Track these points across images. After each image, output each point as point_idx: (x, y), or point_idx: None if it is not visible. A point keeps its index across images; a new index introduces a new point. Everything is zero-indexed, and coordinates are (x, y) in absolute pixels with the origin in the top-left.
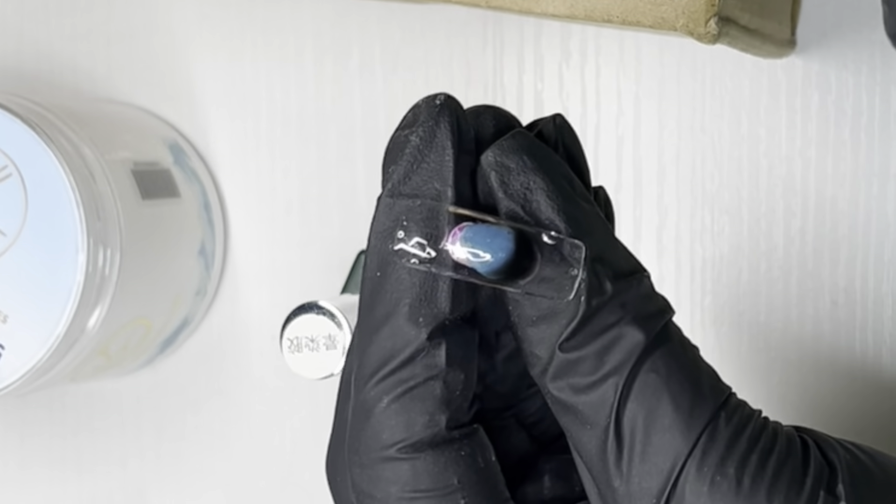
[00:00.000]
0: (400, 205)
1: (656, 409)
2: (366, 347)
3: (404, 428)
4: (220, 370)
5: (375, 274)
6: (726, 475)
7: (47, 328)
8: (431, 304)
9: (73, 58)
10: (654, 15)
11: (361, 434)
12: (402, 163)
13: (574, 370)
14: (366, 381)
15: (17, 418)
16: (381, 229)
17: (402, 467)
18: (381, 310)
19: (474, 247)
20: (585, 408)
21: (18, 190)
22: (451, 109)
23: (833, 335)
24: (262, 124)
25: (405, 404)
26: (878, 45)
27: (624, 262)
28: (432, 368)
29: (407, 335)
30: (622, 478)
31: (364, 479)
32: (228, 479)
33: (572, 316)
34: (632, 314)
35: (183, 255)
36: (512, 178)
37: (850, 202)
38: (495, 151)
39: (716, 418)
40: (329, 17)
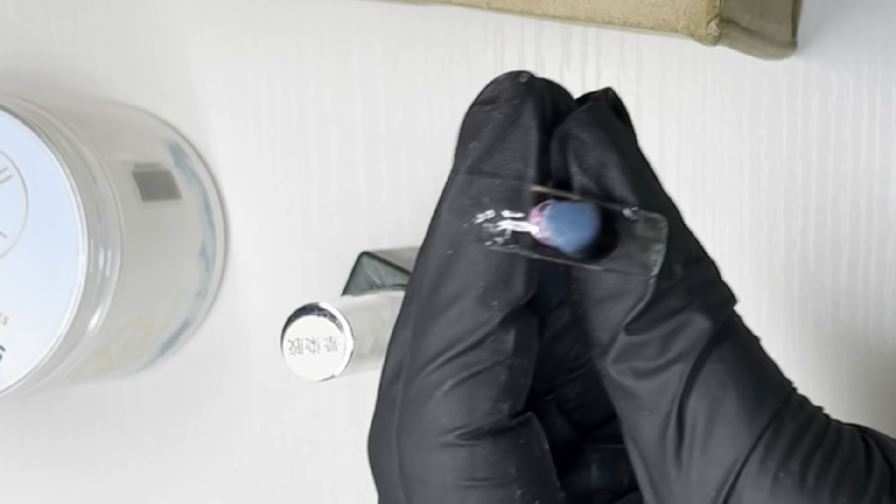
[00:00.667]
0: (479, 182)
1: (721, 400)
2: (429, 328)
3: (466, 414)
4: (221, 372)
5: (446, 252)
6: (790, 472)
7: (48, 330)
8: (507, 288)
9: (73, 59)
10: (654, 16)
11: (418, 418)
12: (484, 140)
13: (637, 353)
14: (426, 363)
15: (18, 419)
16: (456, 206)
17: (460, 453)
18: (450, 290)
19: (559, 225)
20: (646, 393)
21: (19, 191)
22: (536, 89)
23: (834, 337)
24: (263, 125)
25: (469, 389)
26: (878, 45)
27: (693, 246)
28: (500, 354)
29: (478, 318)
30: (681, 468)
31: (417, 463)
32: (229, 480)
33: (640, 297)
34: (699, 300)
35: (184, 256)
36: (587, 153)
37: (851, 203)
38: (571, 125)
39: (780, 413)
40: (329, 18)
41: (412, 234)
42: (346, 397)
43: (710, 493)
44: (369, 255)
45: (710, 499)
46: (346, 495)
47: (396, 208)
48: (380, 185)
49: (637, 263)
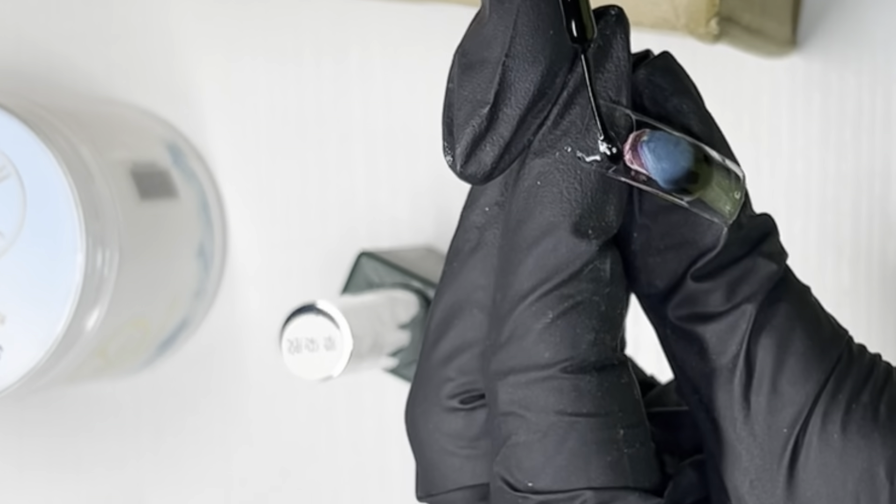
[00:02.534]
0: (573, 112)
1: (790, 339)
2: (521, 261)
3: (570, 346)
4: (219, 371)
5: (535, 183)
6: (862, 403)
7: (46, 329)
8: (601, 216)
9: (71, 58)
10: (654, 15)
11: (518, 353)
12: (578, 71)
13: (704, 299)
14: (523, 297)
15: (16, 419)
16: (548, 137)
17: (564, 387)
18: (542, 220)
19: (659, 154)
20: (713, 336)
21: (17, 190)
22: (625, 22)
23: None
24: (262, 124)
25: (571, 321)
26: (879, 44)
27: (749, 201)
28: (599, 283)
29: (576, 248)
30: (749, 410)
31: (517, 399)
32: (227, 480)
33: (710, 246)
34: (761, 249)
35: (181, 255)
36: (665, 99)
37: (852, 202)
38: (648, 70)
39: (846, 351)
40: (329, 17)
41: (411, 233)
42: (345, 397)
43: (782, 430)
44: (368, 255)
45: (782, 437)
46: (346, 495)
47: (395, 208)
48: (379, 185)
49: (717, 208)
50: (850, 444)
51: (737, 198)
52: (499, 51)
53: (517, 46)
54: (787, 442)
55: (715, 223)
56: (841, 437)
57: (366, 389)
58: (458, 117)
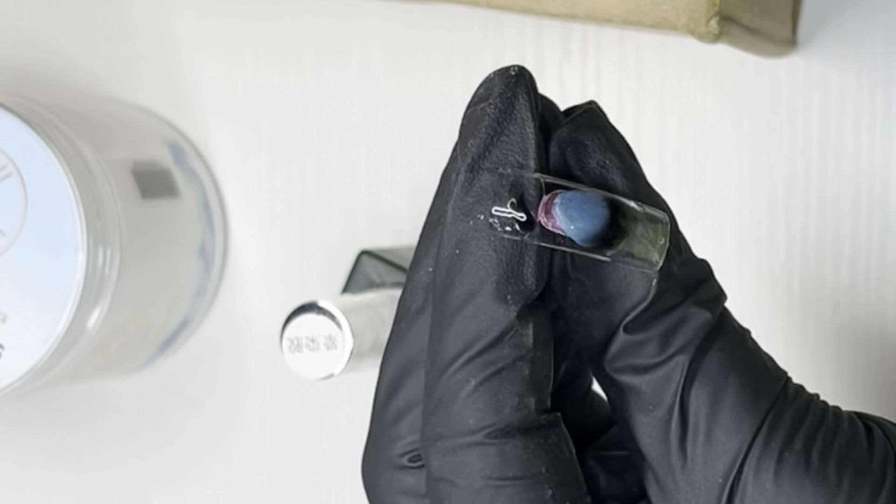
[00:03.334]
0: (482, 179)
1: (723, 388)
2: (445, 330)
3: (493, 411)
4: (220, 370)
5: (454, 252)
6: (794, 451)
7: (47, 328)
8: (519, 281)
9: (73, 57)
10: (654, 14)
11: (445, 420)
12: (480, 136)
13: (638, 351)
14: (448, 364)
15: (17, 418)
16: (460, 205)
17: (489, 452)
18: (463, 289)
19: (572, 213)
20: (648, 388)
21: (18, 189)
22: (526, 80)
23: (835, 336)
24: (263, 124)
25: (493, 387)
26: (879, 44)
27: (687, 249)
28: (521, 349)
29: (494, 314)
30: (685, 459)
31: (446, 465)
32: (228, 478)
33: (641, 297)
34: (696, 296)
35: (183, 254)
36: (588, 156)
37: (852, 202)
38: (570, 128)
39: (780, 397)
40: (329, 17)
41: (412, 232)
42: (346, 396)
43: (717, 480)
44: (369, 254)
45: (717, 486)
46: (346, 494)
47: (396, 207)
48: (379, 184)
49: (641, 258)
50: (782, 493)
51: (661, 243)
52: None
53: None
54: (723, 491)
55: (646, 274)
56: (773, 485)
57: (366, 388)
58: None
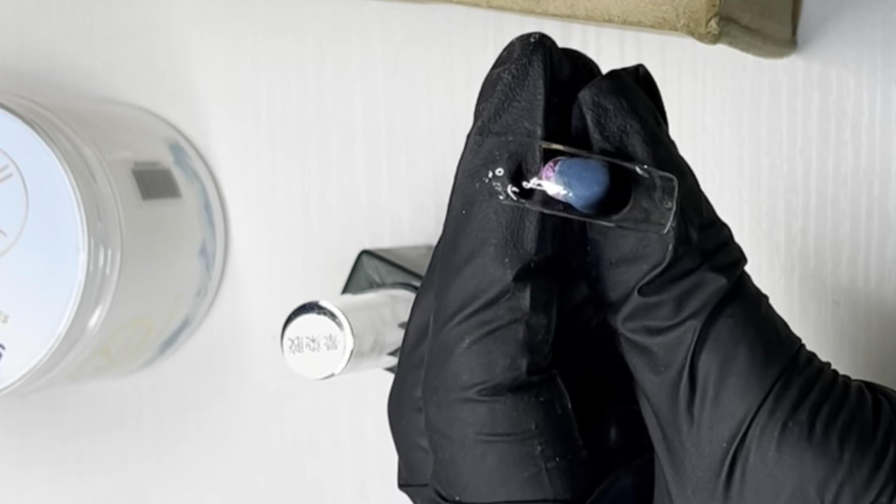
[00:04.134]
0: (489, 142)
1: (732, 355)
2: (448, 286)
3: (485, 370)
4: (221, 370)
5: (461, 212)
6: (798, 421)
7: (48, 328)
8: (518, 245)
9: (73, 57)
10: (654, 15)
11: (441, 374)
12: (493, 100)
13: (652, 313)
14: (447, 321)
15: (18, 418)
16: (468, 167)
17: (480, 409)
18: (465, 249)
19: (569, 180)
20: (660, 349)
21: (19, 190)
22: (545, 48)
23: (835, 335)
24: (263, 124)
25: (487, 346)
26: (878, 44)
27: (707, 211)
28: (516, 311)
29: (492, 276)
30: (692, 422)
31: (441, 418)
32: (229, 479)
33: (657, 261)
34: (713, 262)
35: (183, 255)
36: (608, 120)
37: (851, 202)
38: (592, 91)
39: (790, 367)
40: (329, 17)
41: (412, 232)
42: (346, 395)
43: (722, 444)
44: (369, 254)
45: (721, 451)
46: (347, 494)
47: (396, 207)
48: (380, 184)
49: (650, 222)
50: (783, 463)
51: (667, 208)
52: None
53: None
54: (726, 456)
55: (663, 238)
56: (776, 454)
57: (367, 388)
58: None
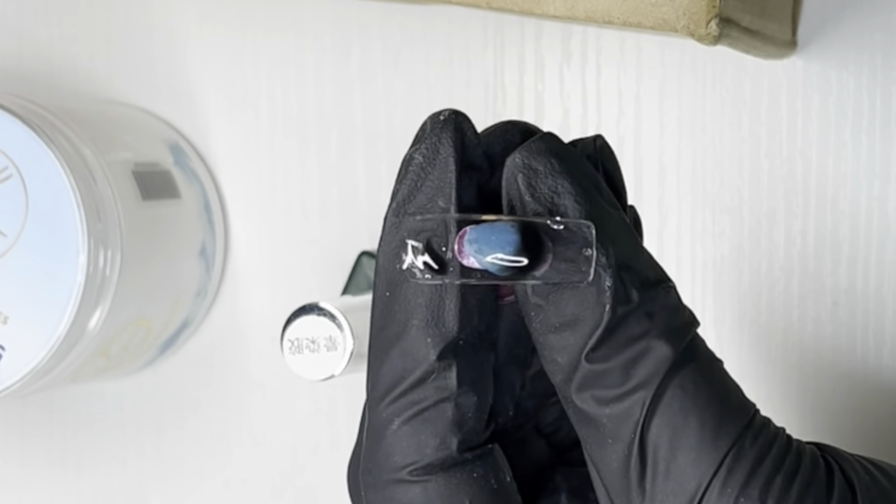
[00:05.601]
0: (406, 223)
1: (683, 427)
2: (378, 368)
3: (415, 450)
4: (221, 371)
5: (385, 294)
6: (750, 497)
7: (48, 329)
8: (439, 323)
9: (73, 58)
10: (654, 16)
11: (374, 455)
12: (407, 181)
13: (599, 381)
14: (378, 402)
15: (18, 419)
16: (387, 249)
17: (413, 490)
18: (392, 330)
19: (479, 247)
20: (609, 421)
21: (19, 191)
22: (455, 124)
23: (834, 336)
24: (263, 125)
25: (416, 427)
26: (878, 46)
27: (650, 270)
28: (443, 390)
29: (416, 356)
30: (644, 496)
31: (378, 500)
32: (228, 479)
33: (597, 323)
34: (659, 326)
35: (183, 256)
36: (539, 181)
37: (851, 203)
38: (522, 153)
39: (741, 438)
40: (329, 18)
41: None
42: (346, 397)
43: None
44: (369, 255)
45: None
46: (346, 495)
47: None
48: (379, 185)
49: (572, 271)
50: None
51: (587, 254)
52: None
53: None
54: None
55: (602, 297)
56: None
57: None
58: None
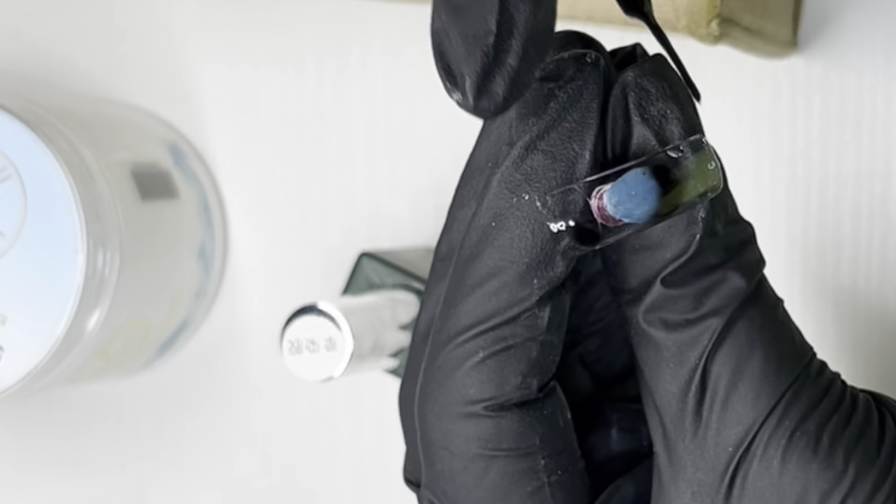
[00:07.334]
0: (534, 159)
1: (747, 359)
2: (463, 298)
3: (496, 386)
4: (220, 372)
5: (490, 223)
6: (806, 431)
7: (46, 330)
8: (549, 268)
9: (72, 58)
10: (655, 15)
11: (443, 386)
12: (544, 117)
13: (671, 306)
14: (458, 334)
15: (16, 420)
16: (507, 179)
17: (485, 424)
18: (490, 262)
19: (625, 207)
20: (675, 345)
21: (18, 191)
22: (601, 70)
23: (836, 336)
24: (262, 125)
25: (500, 362)
26: (879, 45)
27: (734, 208)
28: (534, 330)
29: (517, 294)
30: (700, 423)
31: (439, 430)
32: (227, 481)
33: (682, 250)
34: (735, 260)
35: (182, 256)
36: (650, 103)
37: (852, 203)
38: (636, 73)
39: (802, 375)
40: (329, 17)
41: (412, 234)
42: (346, 398)
43: (728, 448)
44: (369, 256)
45: (726, 455)
46: (346, 496)
47: (396, 208)
48: (379, 186)
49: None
50: (787, 473)
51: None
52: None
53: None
54: (731, 461)
55: (691, 226)
56: (780, 463)
57: (366, 390)
58: (457, 54)
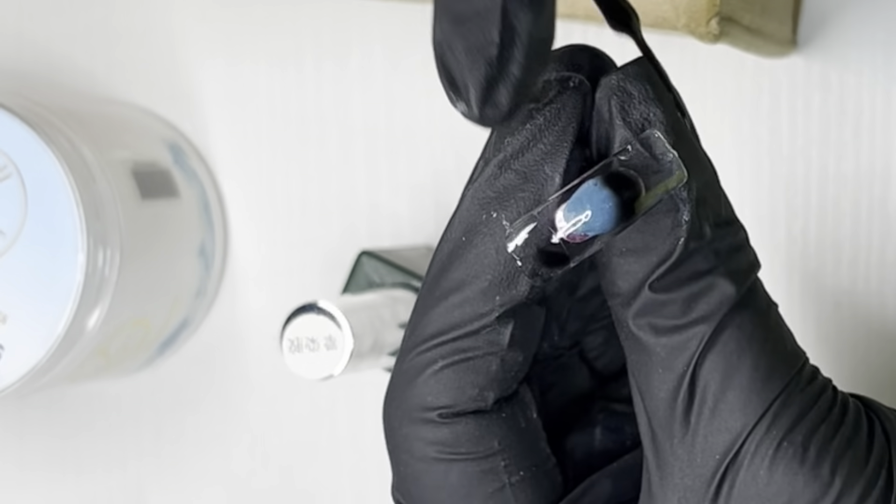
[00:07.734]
0: (506, 178)
1: (736, 367)
2: (430, 308)
3: (452, 395)
4: (220, 371)
5: (460, 238)
6: (794, 442)
7: (47, 328)
8: (511, 287)
9: (72, 58)
10: (655, 14)
11: (406, 392)
12: (520, 138)
13: (659, 311)
14: (423, 341)
15: (17, 419)
16: (479, 195)
17: (442, 430)
18: (457, 276)
19: (581, 220)
20: (664, 351)
21: (18, 190)
22: (581, 95)
23: (835, 336)
24: (262, 124)
25: (458, 373)
26: (879, 45)
27: (725, 209)
28: (494, 346)
29: (478, 309)
30: (688, 429)
31: (402, 435)
32: (228, 479)
33: (667, 255)
34: (725, 265)
35: (182, 255)
36: (633, 107)
37: (852, 202)
38: (619, 76)
39: (791, 384)
40: (329, 17)
41: (412, 233)
42: (346, 396)
43: (715, 456)
44: (369, 255)
45: (714, 462)
46: (345, 495)
47: (396, 207)
48: (379, 185)
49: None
50: (774, 482)
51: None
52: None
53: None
54: (718, 469)
55: (676, 229)
56: (767, 473)
57: (366, 389)
58: (461, 65)
